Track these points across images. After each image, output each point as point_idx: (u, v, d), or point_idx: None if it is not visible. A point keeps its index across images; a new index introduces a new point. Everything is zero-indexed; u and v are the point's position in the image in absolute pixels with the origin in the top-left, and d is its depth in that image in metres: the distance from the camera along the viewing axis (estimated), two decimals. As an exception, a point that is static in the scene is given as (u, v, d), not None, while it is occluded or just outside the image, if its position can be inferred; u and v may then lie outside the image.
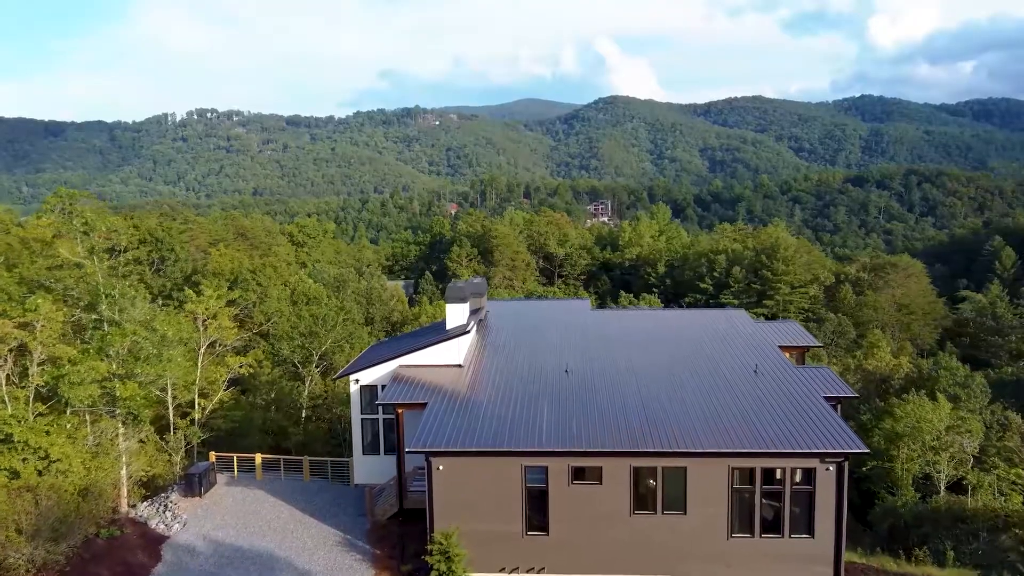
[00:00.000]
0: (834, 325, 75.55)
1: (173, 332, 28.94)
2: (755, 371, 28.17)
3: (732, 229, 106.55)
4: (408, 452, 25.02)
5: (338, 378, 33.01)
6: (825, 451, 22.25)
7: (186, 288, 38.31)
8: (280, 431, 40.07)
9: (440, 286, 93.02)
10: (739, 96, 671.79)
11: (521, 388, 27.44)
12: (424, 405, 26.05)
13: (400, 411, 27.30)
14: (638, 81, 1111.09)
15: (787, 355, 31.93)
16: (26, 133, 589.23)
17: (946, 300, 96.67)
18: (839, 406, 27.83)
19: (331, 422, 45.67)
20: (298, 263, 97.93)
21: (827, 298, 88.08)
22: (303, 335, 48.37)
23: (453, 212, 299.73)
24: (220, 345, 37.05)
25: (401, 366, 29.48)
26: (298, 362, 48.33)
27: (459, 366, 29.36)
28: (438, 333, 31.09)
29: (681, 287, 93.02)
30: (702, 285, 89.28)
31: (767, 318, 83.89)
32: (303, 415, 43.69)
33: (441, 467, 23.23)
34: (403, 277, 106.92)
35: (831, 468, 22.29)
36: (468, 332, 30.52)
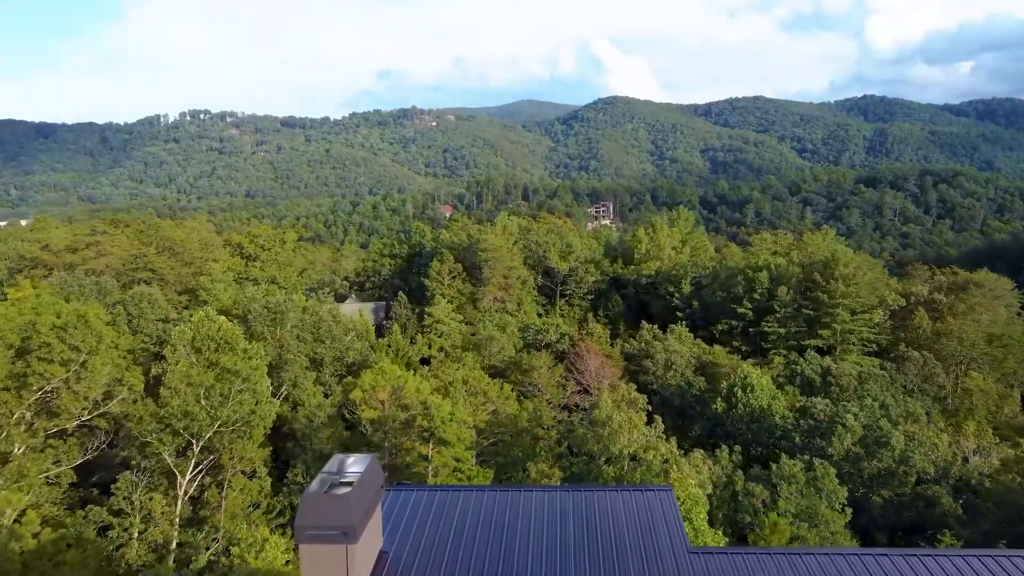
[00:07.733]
0: (918, 366, 58.12)
1: None
2: None
3: (772, 239, 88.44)
4: None
5: None
6: None
7: None
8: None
9: (416, 310, 75.49)
10: (740, 96, 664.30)
11: None
12: None
13: None
14: (637, 82, 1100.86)
15: None
16: (16, 134, 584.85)
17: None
18: None
19: None
20: (248, 280, 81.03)
21: (892, 326, 70.74)
22: (176, 416, 31.42)
23: (448, 214, 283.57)
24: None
25: None
26: (171, 459, 31.35)
27: None
28: None
29: (711, 311, 75.78)
30: (740, 309, 72.04)
31: (823, 352, 66.89)
32: None
33: None
34: (376, 297, 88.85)
35: None
36: None
